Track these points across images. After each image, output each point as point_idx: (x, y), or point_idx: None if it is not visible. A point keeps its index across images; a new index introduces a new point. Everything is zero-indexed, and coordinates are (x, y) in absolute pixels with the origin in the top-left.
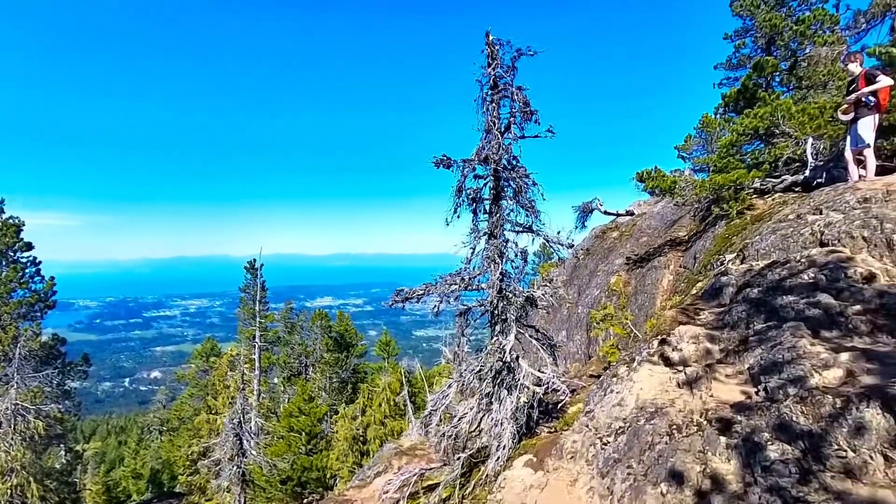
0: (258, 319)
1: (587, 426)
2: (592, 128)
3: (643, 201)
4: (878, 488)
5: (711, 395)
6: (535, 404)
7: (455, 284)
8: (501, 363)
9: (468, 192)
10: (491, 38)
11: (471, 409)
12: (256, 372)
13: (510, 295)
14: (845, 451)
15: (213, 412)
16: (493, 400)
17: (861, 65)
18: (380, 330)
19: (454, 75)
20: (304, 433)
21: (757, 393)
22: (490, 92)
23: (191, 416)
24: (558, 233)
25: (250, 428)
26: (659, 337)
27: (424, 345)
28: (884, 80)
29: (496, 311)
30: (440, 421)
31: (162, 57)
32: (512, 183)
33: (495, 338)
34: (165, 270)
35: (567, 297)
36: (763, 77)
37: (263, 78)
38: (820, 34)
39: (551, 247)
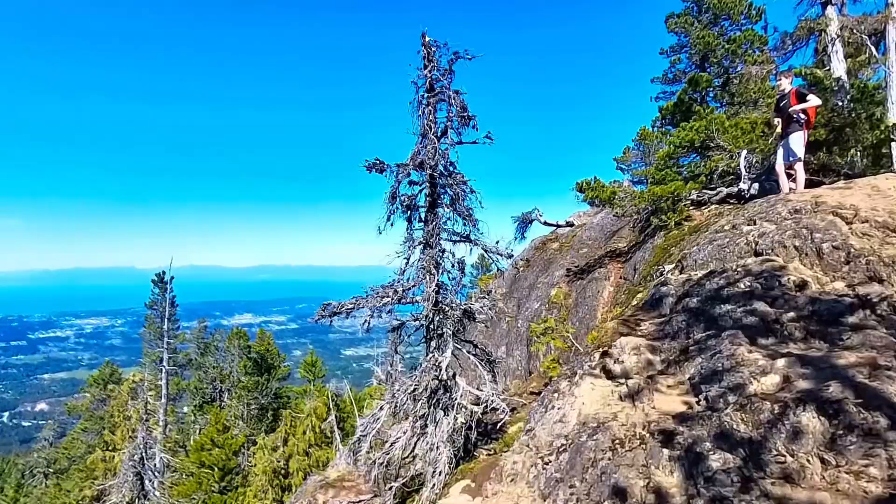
0: (166, 340)
1: (528, 446)
2: (533, 138)
3: (583, 212)
4: (816, 491)
5: (654, 407)
6: (474, 425)
7: (387, 297)
8: (437, 381)
9: (402, 198)
10: (427, 39)
11: (404, 432)
12: (163, 400)
13: (447, 308)
14: (784, 456)
15: (110, 448)
16: (428, 422)
17: (791, 82)
18: (305, 349)
19: (394, 77)
20: (217, 468)
21: (698, 402)
22: (426, 95)
23: (83, 455)
24: (497, 242)
25: (154, 465)
26: (600, 349)
27: (354, 365)
28: (814, 100)
29: (432, 326)
30: (370, 447)
31: (51, 32)
32: (449, 190)
33: (431, 354)
34: (58, 285)
35: (507, 310)
36: (698, 92)
37: (177, 65)
38: (750, 53)
39: (489, 257)
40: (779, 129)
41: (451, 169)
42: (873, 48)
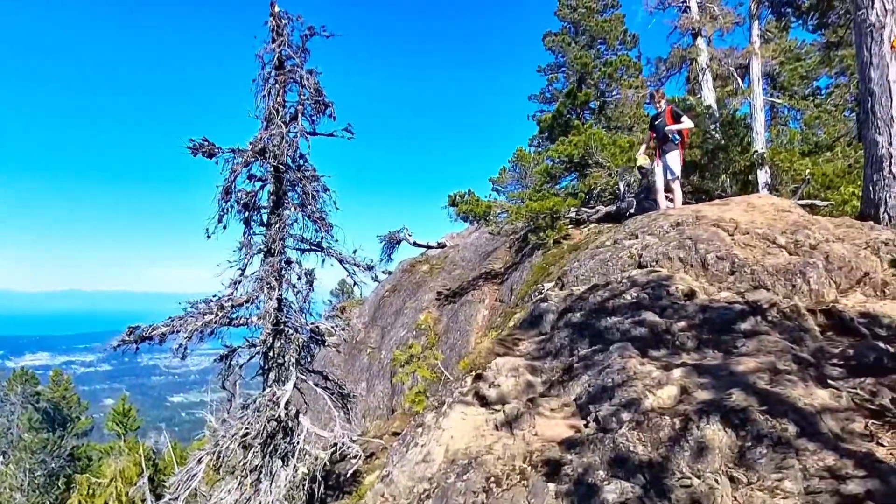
0: None
1: (382, 495)
2: (402, 152)
3: (456, 233)
4: None
5: (536, 435)
6: (320, 476)
7: (210, 314)
8: (276, 423)
9: (239, 194)
10: (277, 9)
11: (229, 492)
12: None
13: (290, 330)
14: (689, 477)
15: None
16: (261, 476)
17: (666, 101)
18: (120, 396)
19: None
20: None
21: (587, 425)
22: (273, 72)
23: None
24: (354, 252)
25: None
26: (473, 373)
27: (184, 413)
28: (687, 122)
29: (271, 353)
30: None
31: None
32: (298, 187)
33: (269, 388)
34: None
35: (369, 340)
36: (576, 106)
37: None
38: (626, 79)
39: (346, 269)
40: (642, 149)
41: (300, 162)
42: (739, 80)
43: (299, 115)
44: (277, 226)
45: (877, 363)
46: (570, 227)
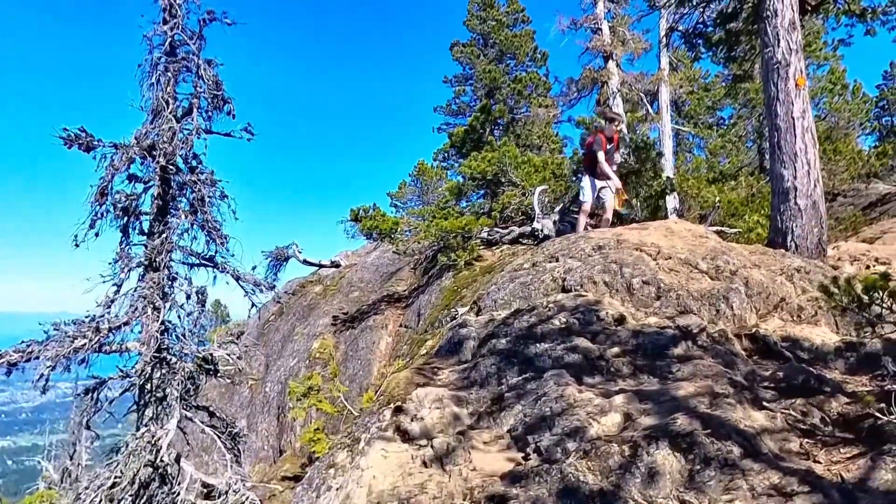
0: None
1: None
2: (289, 163)
3: (352, 251)
4: None
5: (474, 470)
6: None
7: (83, 339)
8: (152, 469)
9: (117, 197)
10: None
11: None
12: None
13: (173, 358)
14: None
15: None
16: None
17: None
18: None
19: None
20: None
21: (526, 457)
22: (165, 58)
23: None
24: (254, 268)
25: None
26: (392, 405)
27: (11, 462)
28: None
29: (149, 386)
30: None
31: None
32: (189, 192)
33: (145, 428)
34: None
35: (250, 370)
36: (489, 122)
37: None
38: (535, 97)
39: (243, 286)
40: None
41: (194, 163)
42: (648, 106)
43: (194, 109)
44: (163, 236)
45: (804, 384)
46: (482, 247)
